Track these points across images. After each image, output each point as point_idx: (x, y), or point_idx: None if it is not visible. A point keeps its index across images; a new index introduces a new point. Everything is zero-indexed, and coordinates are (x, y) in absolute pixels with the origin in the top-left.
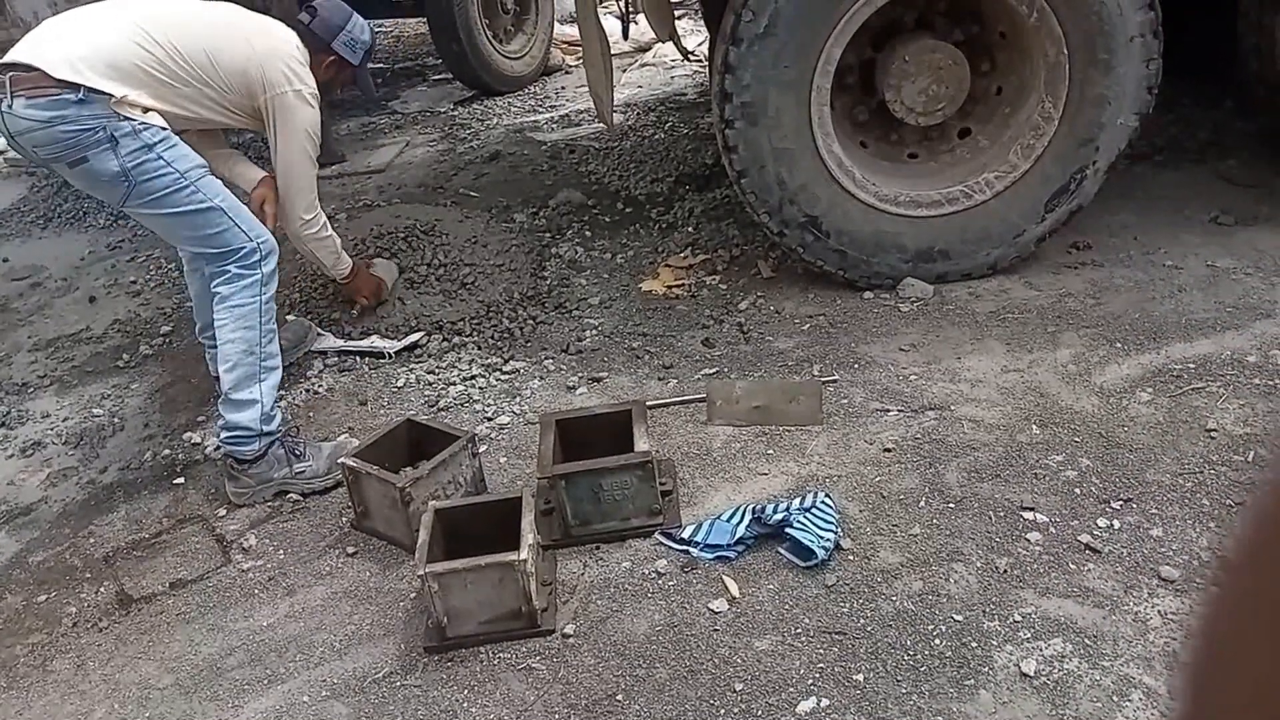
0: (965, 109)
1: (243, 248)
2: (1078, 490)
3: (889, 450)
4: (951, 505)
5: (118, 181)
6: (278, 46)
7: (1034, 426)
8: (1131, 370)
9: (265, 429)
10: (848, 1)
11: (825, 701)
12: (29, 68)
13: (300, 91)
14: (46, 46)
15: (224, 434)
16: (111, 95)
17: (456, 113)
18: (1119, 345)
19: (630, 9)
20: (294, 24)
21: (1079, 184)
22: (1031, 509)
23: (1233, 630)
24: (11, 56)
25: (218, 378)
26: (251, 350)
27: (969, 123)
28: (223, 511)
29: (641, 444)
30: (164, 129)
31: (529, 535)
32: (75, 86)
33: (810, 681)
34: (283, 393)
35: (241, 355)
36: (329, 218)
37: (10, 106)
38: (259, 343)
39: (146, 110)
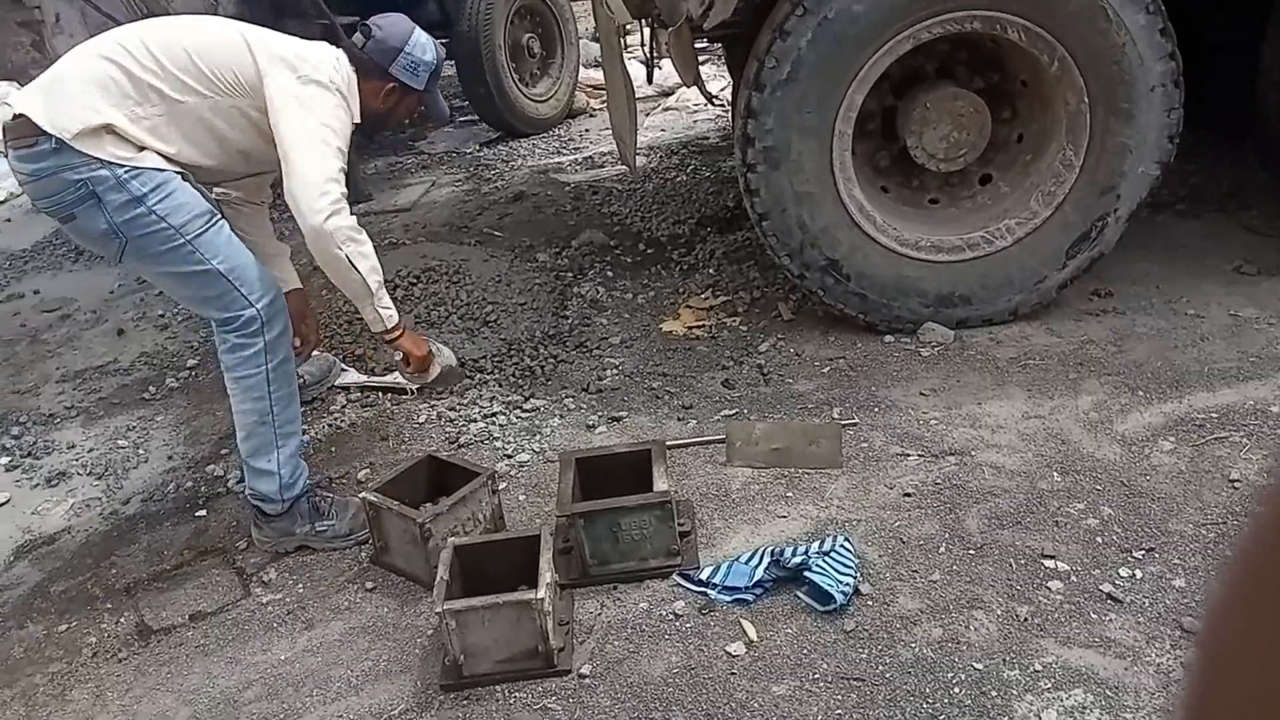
0: (987, 156)
1: (241, 315)
2: (1099, 539)
3: (909, 495)
4: (972, 552)
5: (109, 239)
6: (286, 39)
7: (1055, 474)
8: (1154, 419)
9: (286, 495)
10: (870, 50)
11: None
12: (20, 115)
13: (317, 80)
14: (37, 88)
15: (248, 491)
16: (78, 133)
17: (482, 154)
18: (1141, 393)
19: (655, 54)
20: (347, 49)
21: (1100, 232)
22: (1053, 557)
23: (1234, 641)
24: (17, 105)
25: None
26: (264, 420)
27: (990, 169)
28: (243, 544)
29: (660, 484)
30: (160, 170)
31: (547, 574)
32: (46, 134)
33: None
34: (306, 434)
35: (254, 425)
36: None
37: (10, 158)
38: (270, 412)
39: (140, 149)
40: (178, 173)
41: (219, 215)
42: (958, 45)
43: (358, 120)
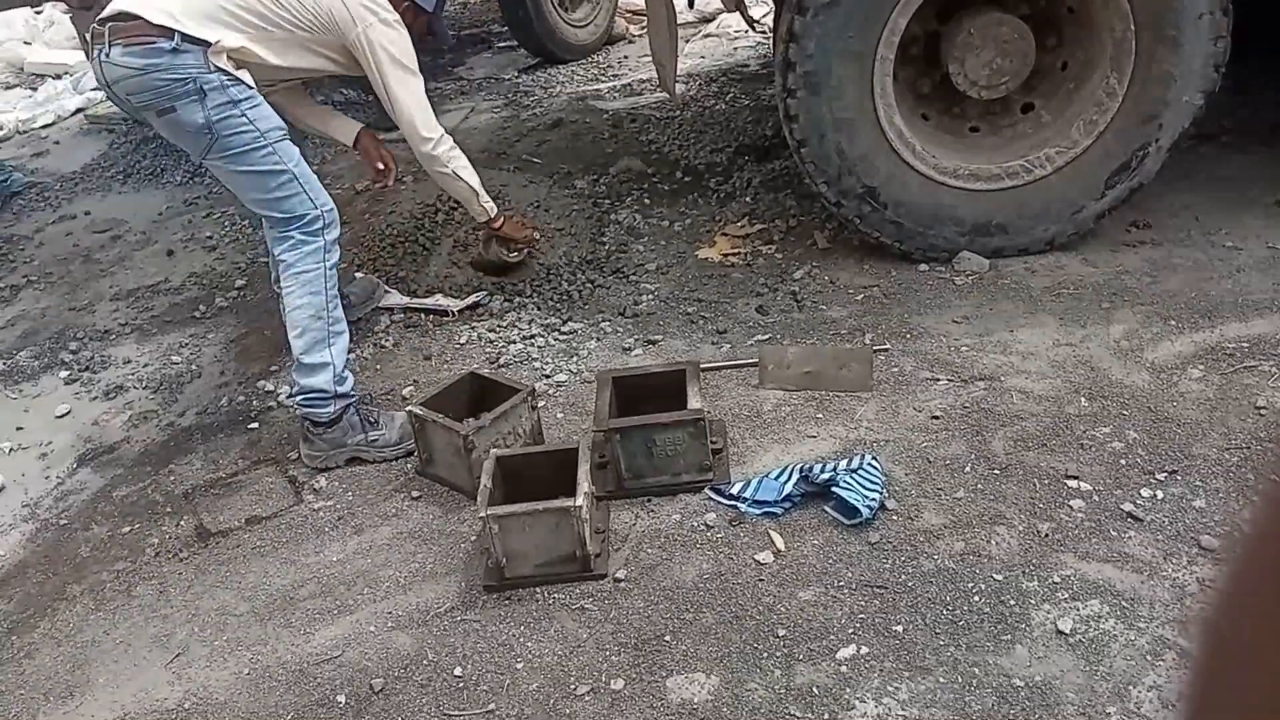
0: (1029, 84)
1: (307, 214)
2: (1123, 461)
3: (937, 418)
4: (996, 472)
5: (201, 133)
6: None
7: (1083, 399)
8: (1184, 347)
9: (339, 389)
10: None
11: (865, 649)
12: (130, 16)
13: (385, 19)
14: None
15: (299, 398)
16: (206, 42)
17: (520, 80)
18: (1173, 323)
19: None
20: None
21: (1140, 162)
22: (1076, 478)
23: (1240, 627)
24: (113, 8)
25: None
26: (319, 315)
27: (1032, 97)
28: (294, 455)
29: (694, 402)
30: (251, 88)
31: (585, 483)
32: (170, 34)
33: (851, 630)
34: (352, 353)
35: (310, 320)
36: (397, 179)
37: (108, 55)
38: (325, 307)
39: (240, 66)
40: (259, 91)
41: (289, 132)
42: None
43: None
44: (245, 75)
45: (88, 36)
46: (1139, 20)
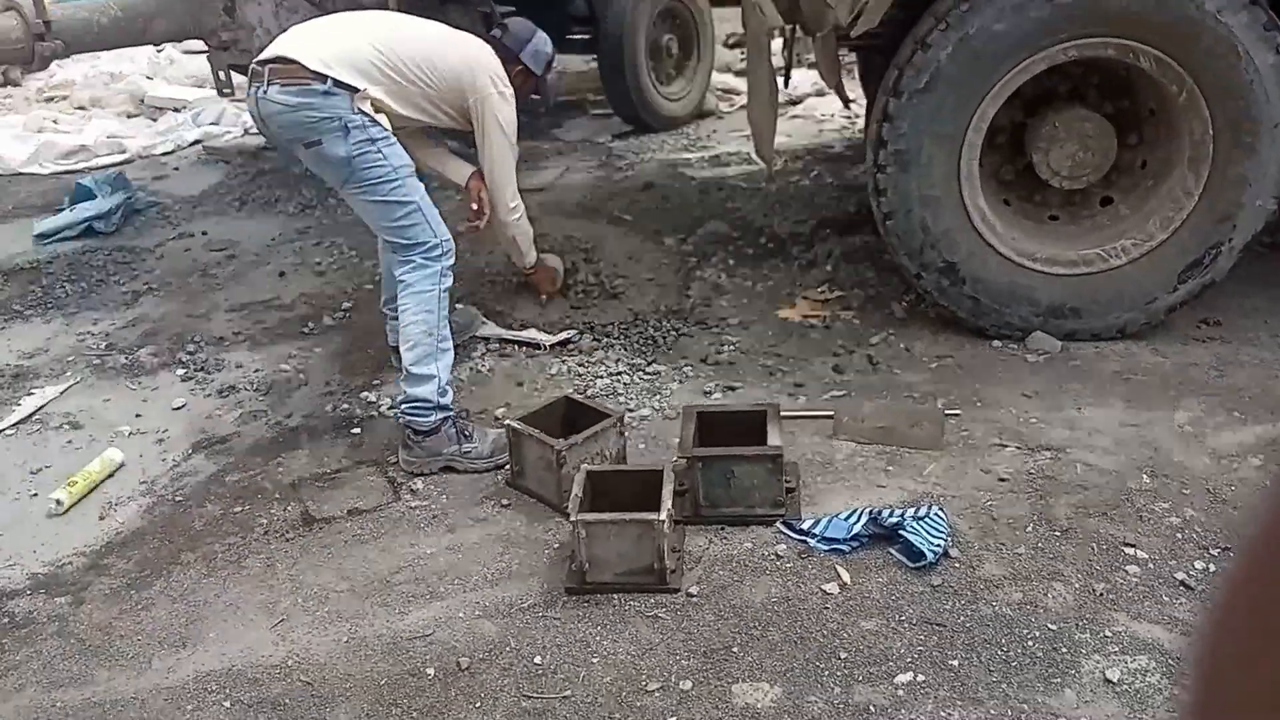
0: (1109, 178)
1: (428, 242)
2: (1179, 535)
3: (1003, 480)
4: (1057, 533)
5: (342, 165)
6: (481, 55)
7: (1145, 476)
8: (1246, 438)
9: (441, 401)
10: (1006, 67)
11: (921, 678)
12: (288, 60)
13: (503, 93)
14: (302, 44)
15: (404, 406)
16: (355, 89)
17: (613, 145)
18: (1237, 414)
19: (791, 62)
20: (487, 38)
21: (1214, 259)
22: (1133, 545)
23: (1238, 641)
24: (270, 53)
25: (397, 351)
26: (431, 332)
27: (1112, 191)
28: (394, 459)
29: (774, 439)
30: (387, 130)
31: (668, 501)
32: (325, 78)
33: (909, 660)
34: (452, 374)
35: (422, 335)
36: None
37: (265, 92)
38: (437, 325)
39: (378, 111)
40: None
41: (416, 171)
42: (1090, 69)
43: None
44: (383, 119)
45: (221, 74)
46: (1217, 125)
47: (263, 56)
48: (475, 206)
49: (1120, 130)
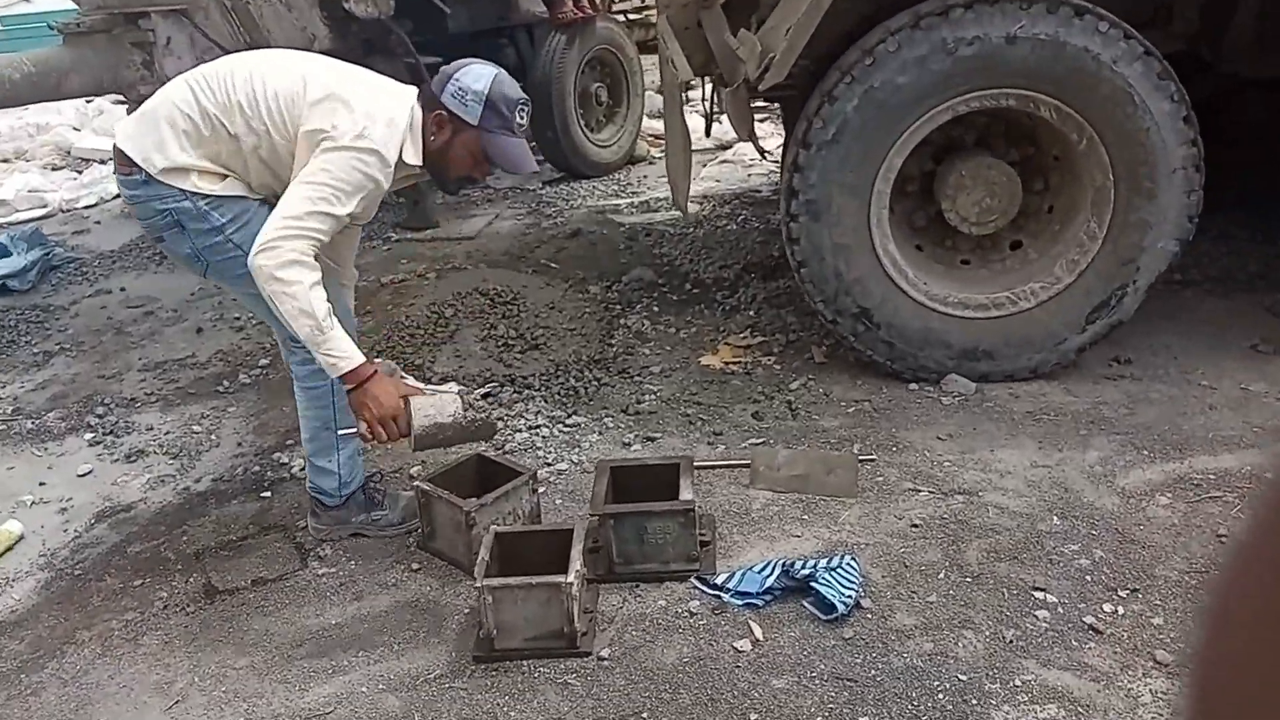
0: (1017, 223)
1: None
2: (1089, 577)
3: (916, 526)
4: (968, 579)
5: (193, 262)
6: (361, 92)
7: (1055, 517)
8: (1154, 476)
9: (343, 493)
10: (910, 119)
11: None
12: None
13: (354, 146)
14: (131, 121)
15: (309, 482)
16: (170, 168)
17: (544, 191)
18: (1146, 452)
19: (715, 108)
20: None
21: (1120, 300)
22: (1043, 589)
23: (1237, 636)
24: (117, 132)
25: None
26: (327, 426)
27: (1020, 236)
28: (303, 523)
29: (686, 494)
30: (238, 201)
31: (577, 562)
32: (138, 166)
33: (820, 718)
34: (366, 448)
35: (318, 430)
36: (417, 276)
37: (116, 180)
38: (333, 419)
39: (225, 178)
40: (258, 199)
41: None
42: (996, 118)
43: (417, 163)
44: (229, 186)
45: None
46: (1117, 171)
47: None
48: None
49: (1026, 177)
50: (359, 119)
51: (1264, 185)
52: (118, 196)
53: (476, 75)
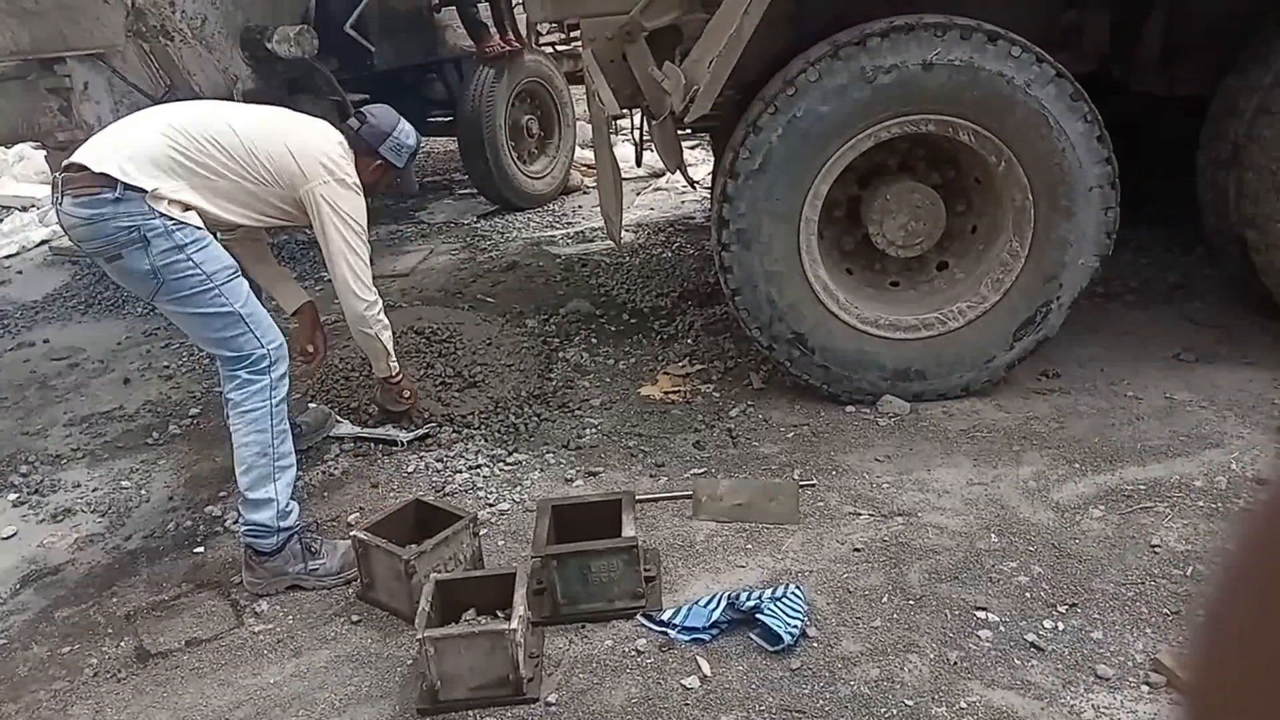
0: (943, 244)
1: (253, 354)
2: (1028, 594)
3: (858, 550)
4: (911, 602)
5: (148, 279)
6: (314, 140)
7: (993, 535)
8: (1087, 489)
9: (282, 525)
10: (833, 146)
11: None
12: (79, 167)
13: (343, 180)
14: (94, 146)
15: (243, 528)
16: (145, 190)
17: (479, 225)
18: (1077, 465)
19: (645, 139)
20: (344, 129)
21: (1045, 317)
22: (985, 609)
23: (1241, 621)
24: (69, 159)
25: None
26: (265, 452)
27: (947, 257)
28: (238, 579)
29: (628, 530)
30: (199, 229)
31: (520, 607)
32: (113, 184)
33: None
34: (301, 480)
35: (255, 458)
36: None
37: (61, 204)
38: (271, 445)
39: (186, 209)
40: (210, 231)
41: (239, 269)
42: (918, 143)
43: None
44: (192, 217)
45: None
46: (1036, 192)
47: (64, 163)
48: (310, 348)
49: (949, 199)
50: (346, 165)
51: (1180, 200)
52: (42, 244)
53: (409, 133)
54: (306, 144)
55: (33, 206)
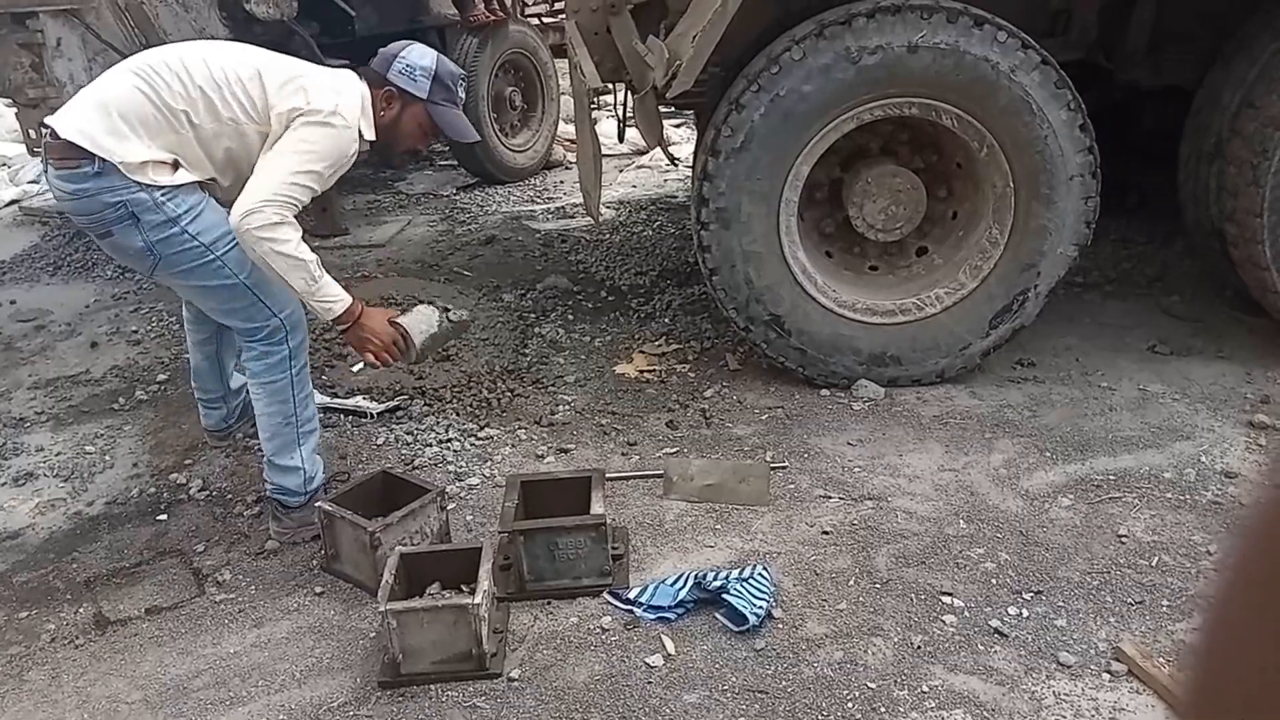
0: (923, 229)
1: (267, 325)
2: (994, 580)
3: (827, 533)
4: (878, 586)
5: (144, 255)
6: (313, 73)
7: (961, 521)
8: (1056, 477)
9: (309, 489)
10: (816, 126)
11: None
12: (56, 135)
13: (328, 121)
14: (68, 111)
15: (270, 486)
16: (130, 161)
17: (458, 197)
18: (1048, 454)
19: (627, 115)
20: (355, 70)
21: (1021, 305)
22: (950, 594)
23: (1238, 629)
24: (49, 120)
25: (210, 431)
26: (288, 421)
27: (926, 242)
28: (201, 547)
29: (597, 507)
30: (192, 193)
31: (485, 582)
32: (91, 157)
33: None
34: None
35: (279, 426)
36: None
37: (49, 175)
38: (294, 413)
39: (176, 168)
40: (203, 187)
41: None
42: (900, 127)
43: (372, 138)
44: (183, 176)
45: (32, 133)
46: (1017, 179)
47: (46, 124)
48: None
49: (930, 184)
50: (329, 96)
51: (1161, 191)
52: (12, 203)
53: (422, 53)
54: (304, 73)
55: (2, 165)
